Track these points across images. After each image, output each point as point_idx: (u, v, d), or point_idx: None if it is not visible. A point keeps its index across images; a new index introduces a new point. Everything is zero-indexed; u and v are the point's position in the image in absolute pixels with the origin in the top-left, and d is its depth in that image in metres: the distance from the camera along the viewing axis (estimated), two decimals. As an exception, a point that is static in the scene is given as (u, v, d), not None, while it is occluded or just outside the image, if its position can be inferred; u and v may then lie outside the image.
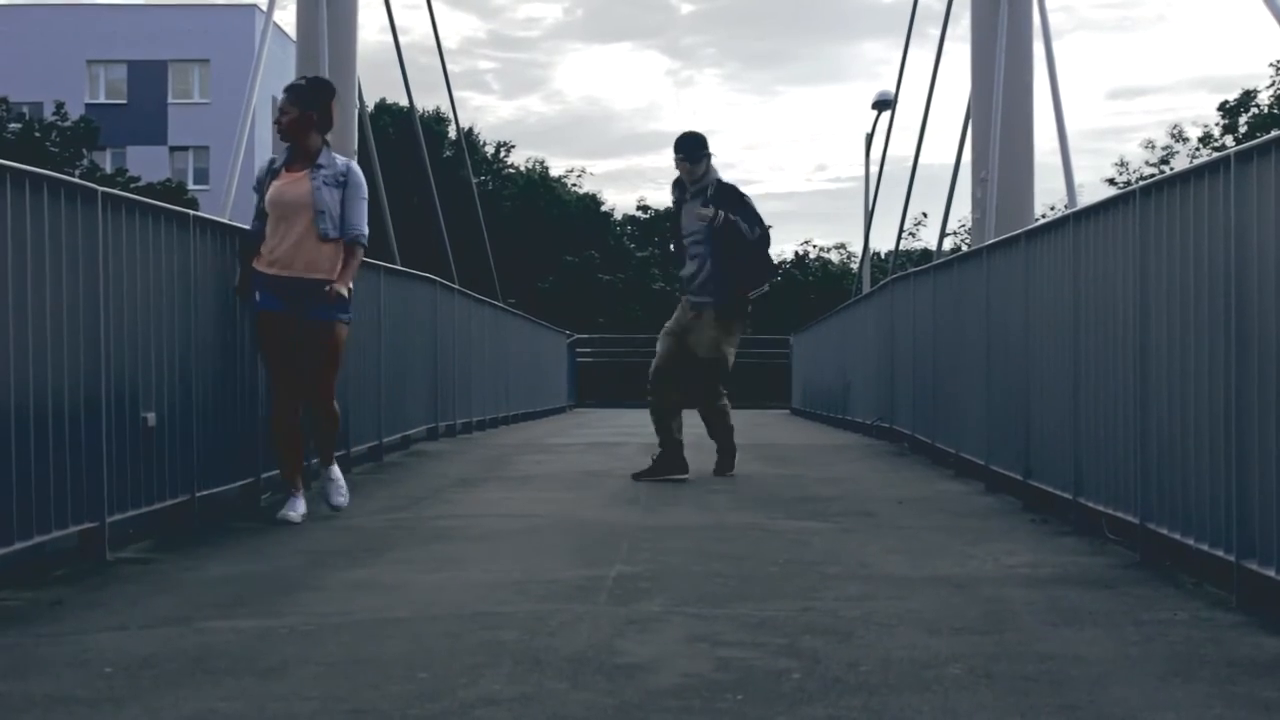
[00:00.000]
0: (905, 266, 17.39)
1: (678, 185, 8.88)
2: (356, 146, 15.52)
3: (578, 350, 28.70)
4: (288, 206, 6.38)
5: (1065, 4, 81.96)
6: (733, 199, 8.70)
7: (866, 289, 19.85)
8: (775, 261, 9.15)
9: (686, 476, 8.54)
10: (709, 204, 8.63)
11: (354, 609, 4.29)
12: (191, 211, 6.33)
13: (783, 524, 6.45)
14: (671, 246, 9.24)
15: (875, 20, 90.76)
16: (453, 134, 42.13)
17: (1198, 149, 45.01)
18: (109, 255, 5.31)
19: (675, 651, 3.67)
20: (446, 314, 12.94)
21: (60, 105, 38.32)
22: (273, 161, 6.61)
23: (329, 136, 6.65)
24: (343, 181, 6.49)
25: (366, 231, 6.57)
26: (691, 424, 8.89)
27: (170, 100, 49.10)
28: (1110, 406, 5.69)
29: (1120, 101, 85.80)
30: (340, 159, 6.63)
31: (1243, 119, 43.68)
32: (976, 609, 4.30)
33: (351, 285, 6.59)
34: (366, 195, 6.59)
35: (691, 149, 8.72)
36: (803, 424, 18.94)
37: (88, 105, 45.24)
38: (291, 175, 6.48)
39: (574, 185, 55.52)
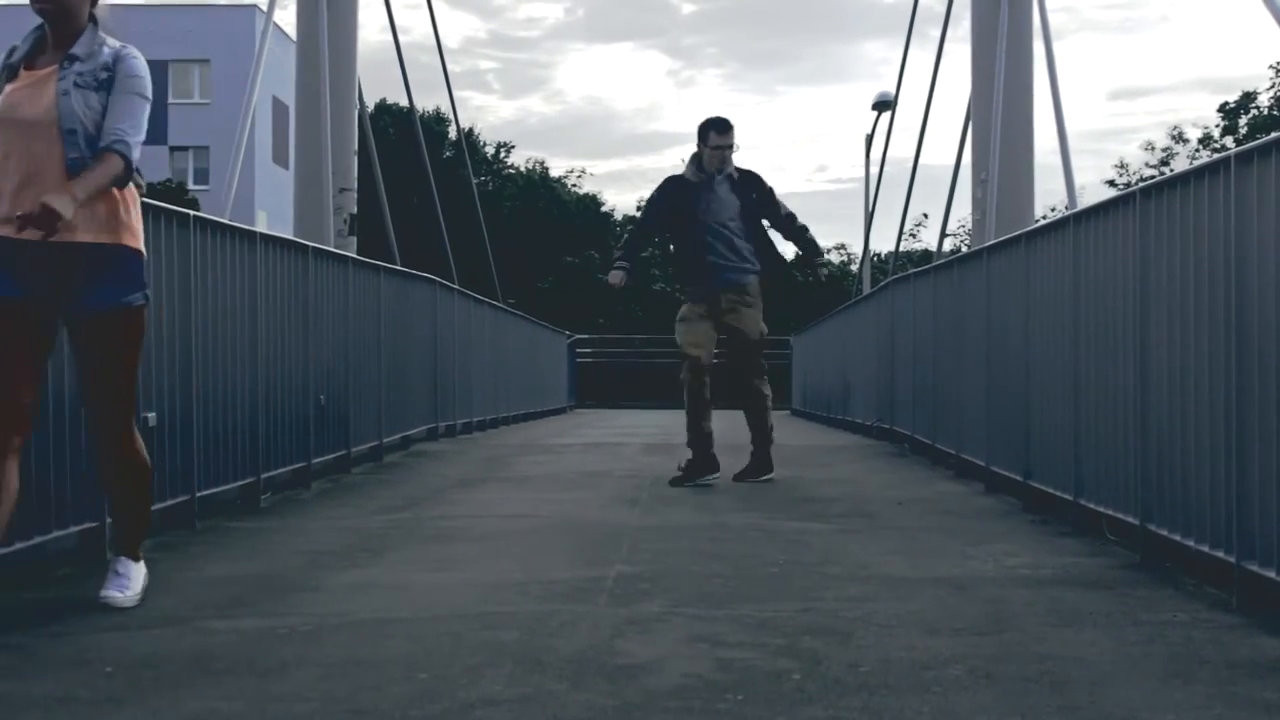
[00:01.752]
0: (905, 267, 17.39)
1: (695, 169, 8.46)
2: (357, 146, 15.53)
3: (577, 350, 28.70)
4: (20, 125, 4.03)
5: (1068, 4, 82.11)
6: (757, 184, 8.56)
7: (866, 290, 19.85)
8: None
9: (719, 476, 8.34)
10: (735, 188, 8.46)
11: (354, 609, 4.29)
12: (192, 211, 6.32)
13: (783, 524, 6.45)
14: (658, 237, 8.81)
15: (877, 20, 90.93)
16: (453, 134, 42.14)
17: (1198, 150, 45.05)
18: (109, 255, 5.30)
19: (675, 652, 3.67)
20: (446, 314, 12.95)
21: (60, 105, 38.26)
22: (10, 53, 4.20)
23: (100, 12, 4.21)
24: (108, 78, 4.09)
25: (134, 140, 4.07)
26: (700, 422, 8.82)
27: (170, 100, 49.08)
28: (1110, 407, 5.69)
29: (1122, 102, 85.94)
30: (111, 44, 4.17)
31: (1242, 120, 43.70)
32: (976, 610, 4.30)
33: (141, 246, 4.23)
34: (146, 93, 4.15)
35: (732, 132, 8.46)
36: (803, 425, 18.93)
37: (88, 105, 45.18)
38: (33, 74, 4.11)
39: (574, 185, 55.57)
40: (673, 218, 8.55)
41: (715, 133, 8.42)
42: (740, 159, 8.88)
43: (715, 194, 8.44)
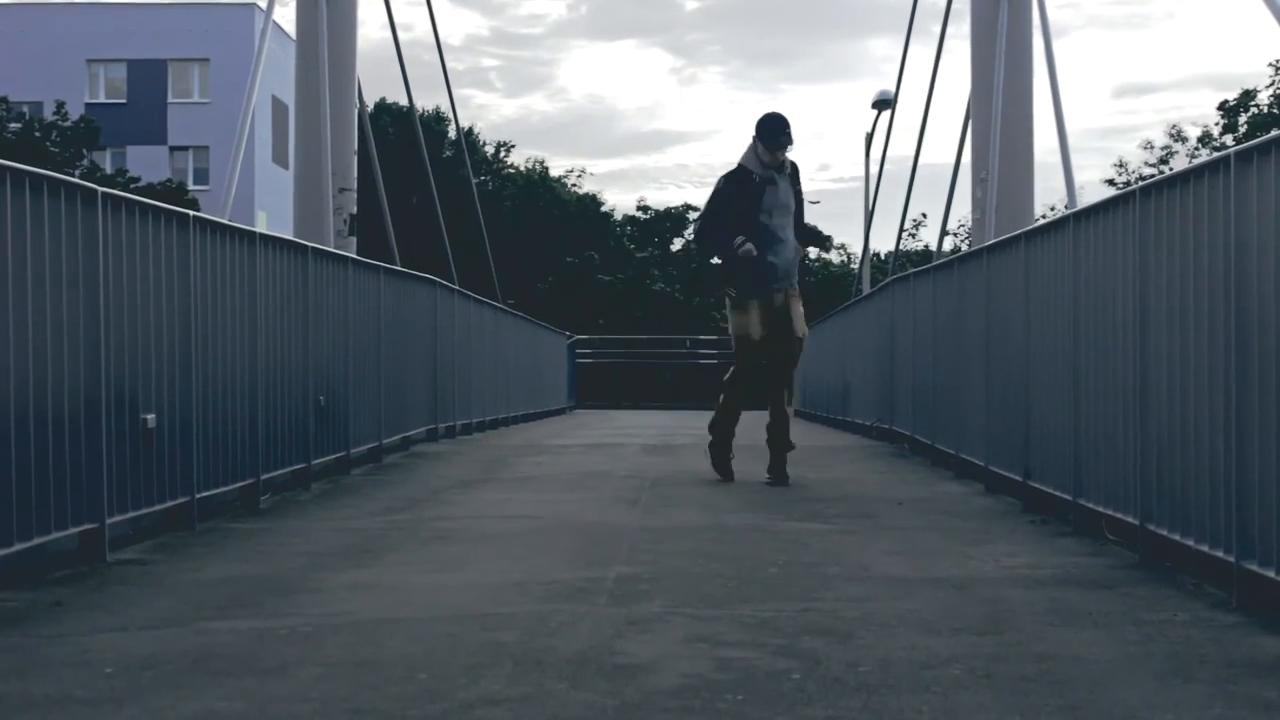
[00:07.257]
0: (905, 267, 17.38)
1: (753, 166, 8.49)
2: (356, 146, 15.53)
3: (577, 351, 28.68)
4: None
5: (1072, 0, 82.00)
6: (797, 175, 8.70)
7: (866, 289, 19.83)
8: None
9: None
10: (793, 182, 8.57)
11: (354, 610, 4.29)
12: (191, 211, 6.32)
13: (782, 525, 6.45)
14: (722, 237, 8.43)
15: (880, 18, 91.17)
16: (453, 133, 42.13)
17: (1197, 149, 45.03)
18: (109, 255, 5.31)
19: (675, 652, 3.67)
20: (446, 314, 12.94)
21: (60, 105, 38.26)
22: None
23: None
24: None
25: None
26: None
27: (170, 100, 49.08)
28: (1110, 407, 5.69)
29: (1127, 99, 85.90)
30: None
31: (1242, 119, 43.68)
32: (976, 610, 4.30)
33: None
34: None
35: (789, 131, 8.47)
36: (802, 425, 18.89)
37: (88, 105, 45.19)
38: None
39: (574, 185, 55.54)
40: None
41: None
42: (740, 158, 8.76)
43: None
